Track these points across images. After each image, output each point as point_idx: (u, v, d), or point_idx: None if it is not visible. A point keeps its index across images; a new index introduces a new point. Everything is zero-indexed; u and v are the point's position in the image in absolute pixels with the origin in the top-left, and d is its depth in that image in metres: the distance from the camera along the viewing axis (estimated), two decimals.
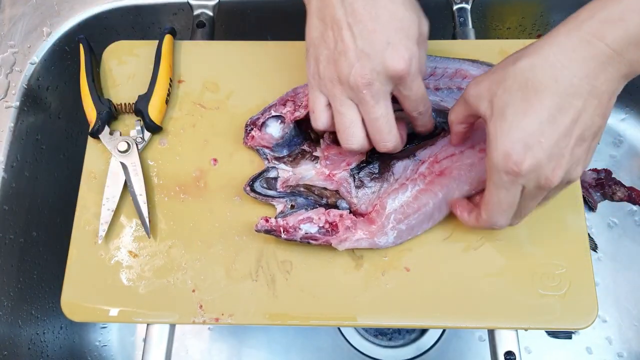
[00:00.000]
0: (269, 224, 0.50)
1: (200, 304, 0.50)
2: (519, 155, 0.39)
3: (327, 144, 0.52)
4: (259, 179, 0.53)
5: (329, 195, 0.52)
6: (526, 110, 0.39)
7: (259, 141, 0.54)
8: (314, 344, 0.79)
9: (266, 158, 0.54)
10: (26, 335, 0.66)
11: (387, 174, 0.52)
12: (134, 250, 0.52)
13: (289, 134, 0.54)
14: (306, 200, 0.52)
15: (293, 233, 0.49)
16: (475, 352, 0.79)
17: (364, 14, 0.42)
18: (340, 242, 0.49)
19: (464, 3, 0.68)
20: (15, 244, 0.64)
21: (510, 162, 0.40)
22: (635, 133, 0.87)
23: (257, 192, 0.52)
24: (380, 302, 0.50)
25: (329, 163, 0.53)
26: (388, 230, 0.50)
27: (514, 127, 0.39)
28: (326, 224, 0.50)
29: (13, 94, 0.64)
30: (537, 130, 0.39)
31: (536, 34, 0.78)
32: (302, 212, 0.51)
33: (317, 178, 0.53)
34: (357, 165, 0.52)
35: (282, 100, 0.55)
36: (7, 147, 0.62)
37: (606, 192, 0.83)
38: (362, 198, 0.51)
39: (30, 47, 0.66)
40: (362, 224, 0.50)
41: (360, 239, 0.50)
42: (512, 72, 0.40)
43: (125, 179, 0.54)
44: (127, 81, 0.59)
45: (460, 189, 0.50)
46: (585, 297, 0.50)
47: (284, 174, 0.53)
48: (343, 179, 0.52)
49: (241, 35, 0.75)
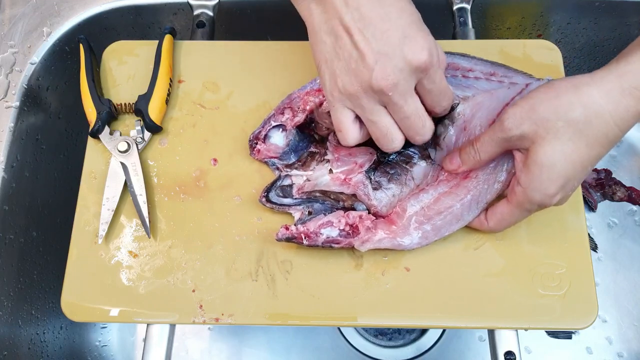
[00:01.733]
0: (289, 232, 0.49)
1: (200, 304, 0.50)
2: (555, 193, 0.44)
3: (334, 146, 0.52)
4: (273, 189, 0.53)
5: (345, 199, 0.52)
6: (574, 160, 0.42)
7: (266, 153, 0.54)
8: (314, 344, 0.79)
9: (277, 168, 0.54)
10: (26, 335, 0.66)
11: (406, 177, 0.52)
12: (134, 250, 0.52)
13: (294, 140, 0.54)
14: (323, 205, 0.52)
15: (315, 238, 0.49)
16: (475, 352, 0.79)
17: (372, 16, 0.41)
18: (362, 243, 0.49)
19: (464, 3, 0.68)
20: (15, 244, 0.64)
21: (546, 199, 0.44)
22: (635, 133, 0.87)
23: (273, 202, 0.52)
24: (380, 302, 0.50)
25: (340, 164, 0.52)
26: (412, 231, 0.50)
27: (556, 174, 0.43)
28: (347, 226, 0.50)
29: (13, 94, 0.64)
30: (575, 175, 0.43)
31: (536, 34, 0.78)
32: (321, 217, 0.50)
33: (333, 183, 0.52)
34: (370, 165, 0.52)
35: (280, 109, 0.55)
36: (7, 147, 0.62)
37: (606, 192, 0.83)
38: (382, 200, 0.51)
39: (30, 47, 0.66)
40: (383, 224, 0.50)
41: (382, 238, 0.49)
42: (565, 121, 0.42)
43: (125, 179, 0.54)
44: (127, 81, 0.59)
45: (491, 190, 0.50)
46: (585, 297, 0.50)
47: (299, 181, 0.53)
48: (359, 182, 0.51)
49: (241, 35, 0.75)
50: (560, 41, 0.79)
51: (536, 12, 0.75)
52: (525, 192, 0.45)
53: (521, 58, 0.58)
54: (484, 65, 0.54)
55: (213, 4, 0.69)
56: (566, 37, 0.78)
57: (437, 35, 0.56)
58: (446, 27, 0.73)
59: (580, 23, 0.76)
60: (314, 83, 0.54)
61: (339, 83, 0.43)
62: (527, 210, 0.46)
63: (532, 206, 0.46)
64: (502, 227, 0.49)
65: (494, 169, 0.50)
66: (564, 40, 0.79)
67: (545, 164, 0.43)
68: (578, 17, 0.75)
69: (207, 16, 0.68)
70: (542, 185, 0.44)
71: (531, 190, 0.44)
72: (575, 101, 0.41)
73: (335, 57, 0.43)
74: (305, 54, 0.58)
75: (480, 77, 0.53)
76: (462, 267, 0.51)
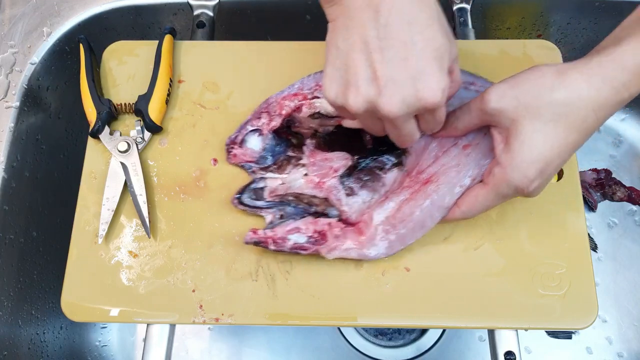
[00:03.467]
0: (257, 236, 0.49)
1: (200, 304, 0.50)
2: (534, 178, 0.43)
3: (311, 150, 0.52)
4: (246, 191, 0.52)
5: (318, 203, 0.52)
6: (552, 143, 0.42)
7: (242, 157, 0.54)
8: (314, 344, 0.79)
9: (252, 171, 0.54)
10: (26, 335, 0.66)
11: (378, 184, 0.51)
12: (134, 250, 0.52)
13: (270, 145, 0.54)
14: (295, 209, 0.52)
15: (281, 244, 0.49)
16: (475, 352, 0.79)
17: (398, 39, 0.39)
18: (329, 251, 0.49)
19: (464, 3, 0.68)
20: (15, 244, 0.64)
21: (524, 182, 0.44)
22: (635, 133, 0.87)
23: (245, 205, 0.52)
24: (380, 302, 0.50)
25: (316, 169, 0.52)
26: (378, 242, 0.49)
27: (537, 154, 0.43)
28: (315, 233, 0.49)
29: (13, 94, 0.64)
30: (553, 160, 0.43)
31: (536, 34, 0.78)
32: (290, 222, 0.50)
33: (307, 186, 0.52)
34: (345, 171, 0.52)
35: (257, 113, 0.55)
36: (7, 147, 0.62)
37: (606, 192, 0.83)
38: (353, 206, 0.51)
39: (30, 47, 0.66)
40: (352, 234, 0.50)
41: (349, 248, 0.49)
42: (547, 101, 0.42)
43: (125, 179, 0.54)
44: (127, 81, 0.59)
45: (451, 193, 0.49)
46: (585, 297, 0.50)
47: (273, 184, 0.53)
48: (332, 187, 0.51)
49: (241, 35, 0.75)
50: (560, 41, 0.79)
51: (536, 12, 0.75)
52: (504, 172, 0.44)
53: (521, 58, 0.58)
54: (465, 75, 0.54)
55: (213, 4, 0.69)
56: (566, 37, 0.78)
57: None
58: None
59: (580, 23, 0.76)
60: (292, 87, 0.54)
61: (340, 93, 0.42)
62: (502, 195, 0.46)
63: (509, 190, 0.45)
64: (474, 212, 0.48)
65: (457, 174, 0.49)
66: (564, 40, 0.79)
67: (526, 142, 0.43)
68: (578, 17, 0.75)
69: (207, 16, 0.68)
70: (522, 164, 0.43)
71: (512, 170, 0.44)
72: (558, 83, 0.42)
73: (343, 67, 0.41)
74: (305, 54, 0.58)
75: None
76: (462, 267, 0.51)
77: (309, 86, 0.55)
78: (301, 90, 0.55)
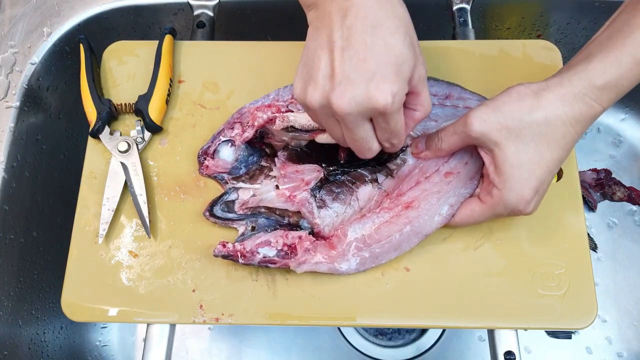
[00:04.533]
0: (226, 249, 0.49)
1: (201, 304, 0.50)
2: (530, 198, 0.45)
3: (282, 162, 0.52)
4: (218, 203, 0.52)
5: (290, 215, 0.52)
6: (539, 161, 0.45)
7: (214, 169, 0.53)
8: (314, 344, 0.79)
9: (225, 182, 0.53)
10: (26, 335, 0.66)
11: (351, 197, 0.51)
12: (134, 250, 0.52)
13: (243, 155, 0.53)
14: (267, 220, 0.51)
15: (251, 257, 0.49)
16: (475, 352, 0.79)
17: (359, 41, 0.40)
18: (298, 265, 0.49)
19: (464, 3, 0.68)
20: (15, 244, 0.64)
21: (522, 203, 0.46)
22: (635, 133, 0.87)
23: (216, 217, 0.51)
24: (380, 302, 0.50)
25: (287, 181, 0.51)
26: (350, 257, 0.49)
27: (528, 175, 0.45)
28: (284, 246, 0.49)
29: (13, 94, 0.64)
30: (545, 177, 0.45)
31: (536, 34, 0.78)
32: (260, 235, 0.50)
33: (278, 200, 0.51)
34: (316, 183, 0.51)
35: (229, 124, 0.54)
36: (7, 147, 0.62)
37: (606, 192, 0.83)
38: (326, 219, 0.50)
39: (30, 47, 0.66)
40: (323, 248, 0.50)
41: (319, 262, 0.49)
42: (527, 123, 0.44)
43: (125, 179, 0.54)
44: (127, 81, 0.59)
45: (431, 222, 0.50)
46: (584, 297, 0.50)
47: (244, 195, 0.52)
48: (304, 200, 0.50)
49: (241, 35, 0.75)
50: (560, 41, 0.79)
51: (536, 12, 0.75)
52: (501, 193, 0.46)
53: (521, 58, 0.59)
54: (440, 86, 0.54)
55: (213, 4, 0.69)
56: (566, 37, 0.78)
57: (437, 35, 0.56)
58: (446, 27, 0.73)
59: (580, 23, 0.76)
60: (266, 98, 0.54)
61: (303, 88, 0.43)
62: (497, 214, 0.48)
63: (505, 210, 0.47)
64: (467, 223, 0.50)
65: (438, 201, 0.50)
66: (563, 40, 0.79)
67: (514, 164, 0.45)
68: (578, 17, 0.75)
69: (207, 16, 0.68)
70: (516, 186, 0.45)
71: (507, 191, 0.45)
72: (536, 104, 0.44)
73: (309, 64, 0.42)
74: None
75: (435, 104, 0.53)
76: (462, 267, 0.51)
77: (284, 98, 0.54)
78: (276, 102, 0.53)
